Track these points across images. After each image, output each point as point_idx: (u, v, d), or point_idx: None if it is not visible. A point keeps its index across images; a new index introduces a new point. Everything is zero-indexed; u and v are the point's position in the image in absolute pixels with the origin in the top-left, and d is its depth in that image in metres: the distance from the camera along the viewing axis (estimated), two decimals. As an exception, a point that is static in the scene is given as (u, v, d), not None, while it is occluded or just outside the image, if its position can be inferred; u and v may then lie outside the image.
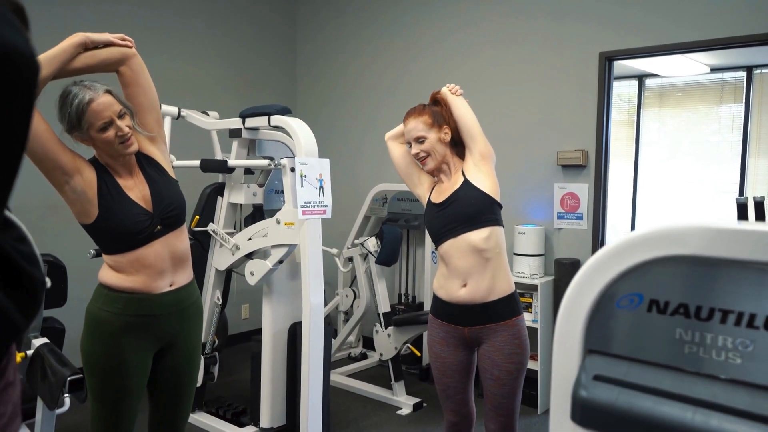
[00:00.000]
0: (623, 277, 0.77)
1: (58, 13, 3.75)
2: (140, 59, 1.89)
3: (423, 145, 2.15)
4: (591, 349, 0.81)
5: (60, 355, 2.23)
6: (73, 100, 1.74)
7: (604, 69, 3.59)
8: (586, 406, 0.77)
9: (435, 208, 2.18)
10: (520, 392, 2.15)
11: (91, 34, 1.78)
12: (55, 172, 1.75)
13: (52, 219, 3.74)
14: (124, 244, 1.83)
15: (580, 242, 3.72)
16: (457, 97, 2.19)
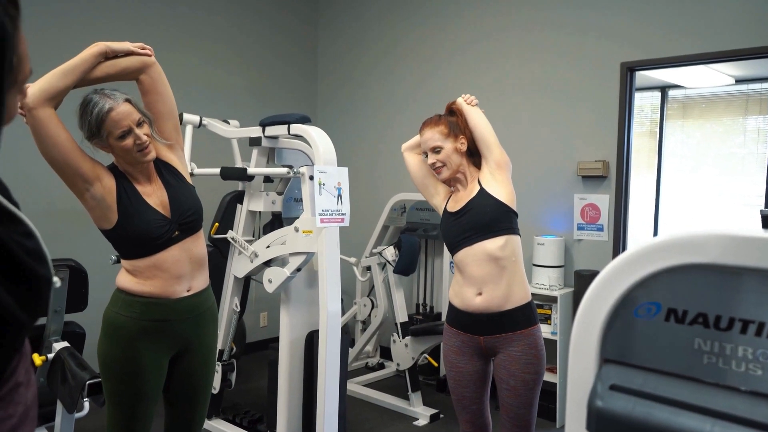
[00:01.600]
0: (641, 285, 0.76)
1: (75, 22, 3.83)
2: (159, 68, 1.92)
3: (439, 155, 2.15)
4: (607, 359, 0.80)
5: (80, 359, 2.26)
6: (93, 108, 1.77)
7: (626, 80, 3.56)
8: (602, 417, 0.75)
9: (451, 216, 2.17)
10: (536, 403, 2.12)
11: (111, 43, 1.81)
12: (75, 179, 1.78)
13: (73, 225, 3.79)
14: (142, 249, 1.86)
15: (600, 254, 3.68)
16: (472, 107, 2.19)
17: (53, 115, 1.71)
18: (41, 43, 3.66)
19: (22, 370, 0.69)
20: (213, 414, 3.39)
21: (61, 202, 3.74)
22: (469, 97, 2.22)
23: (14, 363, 0.68)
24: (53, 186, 3.68)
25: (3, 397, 0.65)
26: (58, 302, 2.39)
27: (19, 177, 3.47)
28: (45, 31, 3.67)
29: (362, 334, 4.41)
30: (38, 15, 3.64)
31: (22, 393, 0.66)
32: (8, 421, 0.63)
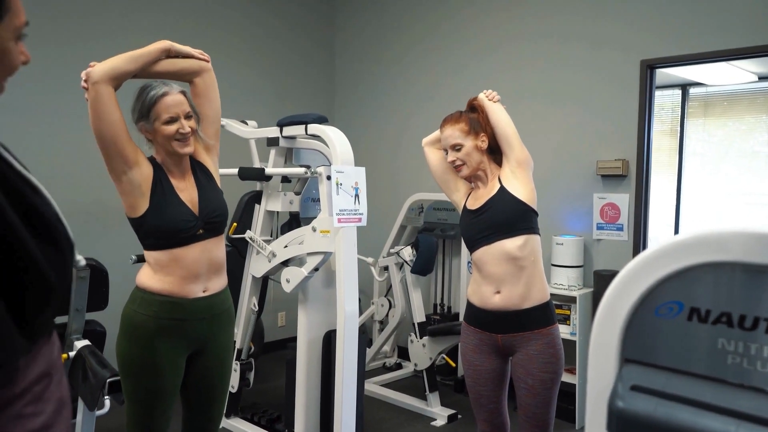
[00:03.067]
0: (662, 284, 0.74)
1: (98, 16, 3.88)
2: (213, 75, 2.02)
3: (459, 153, 2.14)
4: (628, 359, 0.78)
5: (101, 357, 2.29)
6: (150, 91, 1.87)
7: (646, 77, 3.52)
8: (623, 417, 0.74)
9: (470, 214, 2.16)
10: (554, 403, 2.10)
11: (176, 44, 1.93)
12: (117, 159, 1.83)
13: (94, 225, 3.84)
14: (166, 241, 1.88)
15: (620, 254, 3.64)
16: (494, 103, 2.17)
17: (112, 93, 1.80)
18: (69, 37, 3.71)
19: (50, 360, 0.69)
20: (231, 413, 3.41)
21: (82, 203, 3.79)
22: (490, 93, 2.20)
23: (41, 345, 0.68)
24: (75, 186, 3.75)
25: (30, 390, 0.65)
26: (80, 301, 2.41)
27: (42, 180, 3.52)
28: (72, 22, 3.72)
29: (380, 334, 4.41)
30: (63, 7, 3.69)
31: (53, 390, 0.67)
32: (37, 419, 0.64)
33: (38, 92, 3.61)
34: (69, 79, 3.75)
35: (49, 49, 3.65)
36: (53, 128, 3.68)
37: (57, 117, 3.69)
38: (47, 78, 3.64)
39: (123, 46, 3.99)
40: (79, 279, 2.40)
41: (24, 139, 3.54)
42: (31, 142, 3.57)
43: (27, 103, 3.57)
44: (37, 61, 3.63)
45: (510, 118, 2.14)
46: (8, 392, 0.65)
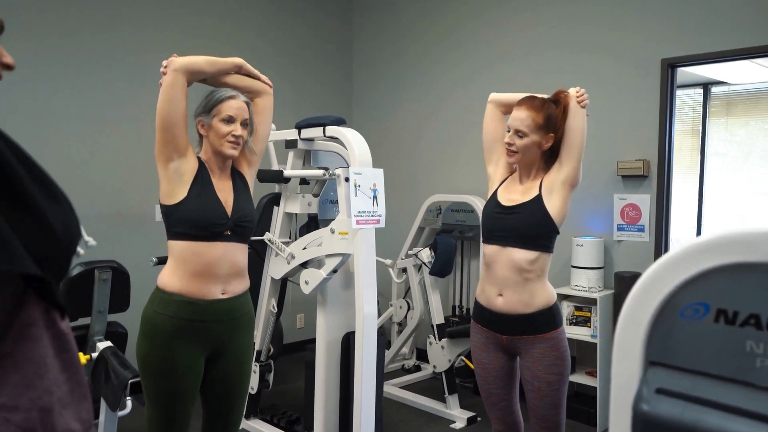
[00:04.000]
0: (688, 285, 0.73)
1: (117, 12, 3.93)
2: (272, 99, 2.19)
3: (520, 140, 2.04)
4: (652, 361, 0.77)
5: (122, 359, 2.31)
6: (219, 92, 2.01)
7: (667, 76, 3.47)
8: (648, 421, 0.73)
9: (497, 206, 2.12)
10: (563, 404, 2.09)
11: (248, 64, 2.13)
12: (170, 145, 1.93)
13: (116, 228, 3.89)
14: (194, 232, 1.92)
15: (641, 255, 3.59)
16: (581, 107, 2.06)
17: (185, 84, 1.94)
18: (93, 33, 3.76)
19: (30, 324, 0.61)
20: (251, 414, 3.43)
21: (104, 207, 3.84)
22: (582, 95, 2.07)
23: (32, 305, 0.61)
24: (97, 191, 3.79)
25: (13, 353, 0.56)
26: (102, 302, 2.44)
27: (65, 183, 3.57)
28: (96, 16, 3.77)
29: (398, 336, 4.40)
30: (92, 10, 3.74)
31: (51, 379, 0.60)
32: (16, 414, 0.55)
33: (60, 97, 3.66)
34: (89, 86, 3.80)
35: (77, 54, 3.70)
36: (75, 133, 3.73)
37: (78, 122, 3.74)
38: (70, 83, 3.69)
39: (148, 44, 4.05)
40: (101, 281, 2.43)
41: (47, 144, 3.59)
42: (53, 147, 3.62)
43: (49, 108, 3.62)
44: (64, 66, 3.69)
45: (585, 129, 2.05)
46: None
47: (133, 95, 3.96)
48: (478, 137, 4.42)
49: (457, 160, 4.59)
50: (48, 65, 3.61)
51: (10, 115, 3.38)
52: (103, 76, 3.84)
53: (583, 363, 3.77)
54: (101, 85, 3.83)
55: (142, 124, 4.00)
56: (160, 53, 4.07)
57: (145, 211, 4.03)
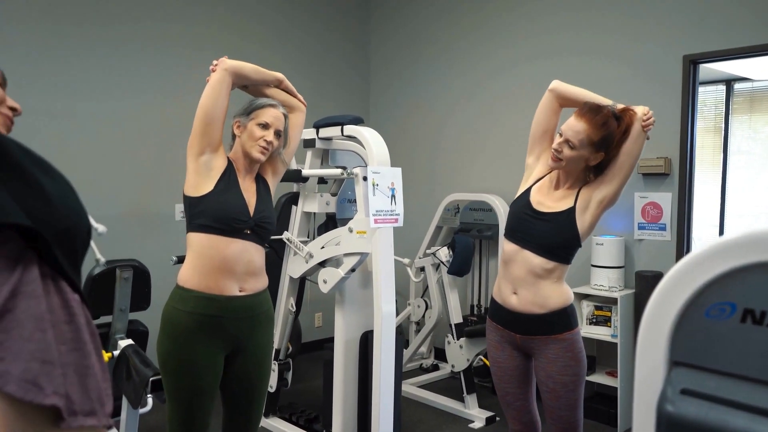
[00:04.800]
0: (713, 284, 0.72)
1: (137, 11, 3.96)
2: (304, 117, 2.31)
3: (568, 150, 1.95)
4: (677, 361, 0.76)
5: (143, 356, 2.33)
6: (262, 99, 2.11)
7: (689, 73, 3.43)
8: (673, 422, 0.72)
9: (527, 207, 2.08)
10: (580, 405, 2.07)
11: (288, 81, 2.25)
12: (204, 139, 1.99)
13: (137, 227, 3.93)
14: (216, 225, 1.95)
15: (662, 254, 3.55)
16: (643, 131, 1.95)
17: (230, 84, 2.04)
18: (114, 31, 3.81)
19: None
20: (270, 412, 3.45)
21: (124, 207, 3.88)
22: (649, 119, 1.95)
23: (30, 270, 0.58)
24: (118, 191, 3.84)
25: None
26: (123, 301, 2.47)
27: (87, 184, 3.62)
28: (118, 14, 3.81)
29: (416, 335, 4.40)
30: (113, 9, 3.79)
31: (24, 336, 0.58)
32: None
33: (82, 98, 3.71)
34: (110, 89, 3.84)
35: (100, 56, 3.75)
36: (96, 134, 3.78)
37: (100, 123, 3.79)
38: (90, 86, 3.74)
39: (171, 46, 4.08)
40: (122, 280, 2.45)
41: (67, 145, 3.64)
42: (74, 148, 3.67)
43: (71, 109, 3.67)
44: (85, 68, 3.73)
45: (639, 156, 1.98)
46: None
47: (153, 97, 4.00)
48: (496, 136, 4.41)
49: (475, 158, 4.57)
50: (68, 65, 3.66)
51: (31, 116, 3.43)
52: (124, 78, 3.88)
53: (603, 363, 3.73)
54: (122, 87, 3.88)
55: (163, 125, 4.04)
56: (182, 54, 4.12)
57: (166, 211, 4.07)
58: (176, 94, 4.07)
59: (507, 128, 4.34)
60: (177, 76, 4.09)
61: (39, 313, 0.56)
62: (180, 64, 4.11)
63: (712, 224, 5.02)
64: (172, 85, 4.08)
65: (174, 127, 4.05)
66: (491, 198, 4.12)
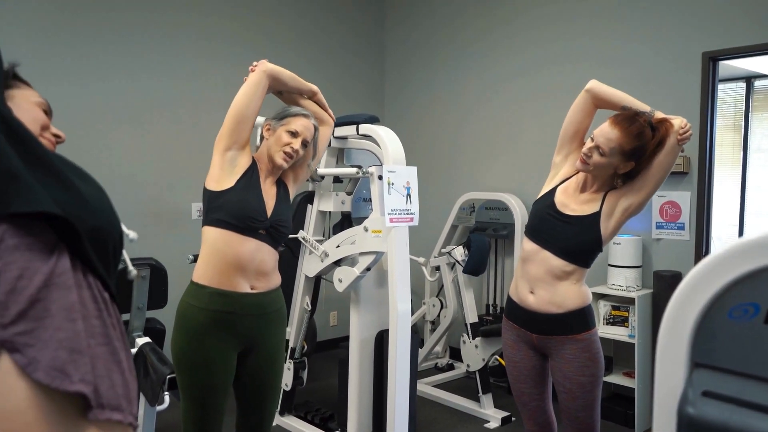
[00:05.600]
0: (736, 285, 0.71)
1: (143, 19, 3.99)
2: (331, 131, 2.40)
3: (597, 156, 1.91)
4: (698, 363, 0.75)
5: (161, 354, 2.35)
6: (296, 108, 2.17)
7: (708, 70, 3.38)
8: (694, 425, 0.71)
9: (551, 209, 2.05)
10: (597, 406, 2.05)
11: (321, 95, 2.33)
12: (233, 136, 2.02)
13: (154, 226, 3.96)
14: (232, 221, 1.96)
15: (681, 254, 3.51)
16: (678, 145, 1.90)
17: (266, 87, 2.09)
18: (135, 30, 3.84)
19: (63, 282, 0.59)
20: (285, 411, 3.46)
21: (142, 205, 3.92)
22: (686, 132, 1.90)
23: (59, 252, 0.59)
24: (135, 189, 3.87)
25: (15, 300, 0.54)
26: (140, 299, 2.49)
27: (104, 183, 3.65)
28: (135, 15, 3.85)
29: (431, 335, 4.39)
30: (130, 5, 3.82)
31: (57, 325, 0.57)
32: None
33: (98, 99, 3.75)
34: (129, 89, 3.87)
35: (118, 54, 3.78)
36: (113, 134, 3.81)
37: (116, 123, 3.82)
38: (108, 87, 3.77)
39: (188, 47, 4.11)
40: (140, 278, 2.47)
41: (83, 145, 3.68)
42: (90, 147, 3.71)
43: (87, 108, 3.71)
44: (102, 67, 3.76)
45: (671, 168, 1.95)
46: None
47: (171, 97, 4.03)
48: (512, 135, 4.39)
49: (491, 157, 4.55)
50: (83, 63, 3.70)
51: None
52: (142, 77, 3.91)
53: (620, 364, 3.70)
54: (139, 86, 3.91)
55: (180, 124, 4.07)
56: (199, 53, 4.14)
57: (182, 210, 4.10)
58: (193, 94, 4.09)
59: (523, 127, 4.31)
60: (193, 75, 4.12)
61: (69, 304, 0.57)
62: (197, 64, 4.14)
63: (731, 223, 4.95)
64: (189, 85, 4.10)
65: (190, 126, 4.08)
66: (507, 197, 4.09)
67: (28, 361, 0.53)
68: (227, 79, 4.14)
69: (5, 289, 0.54)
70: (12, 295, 0.54)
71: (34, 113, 1.29)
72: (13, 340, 0.53)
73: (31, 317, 0.55)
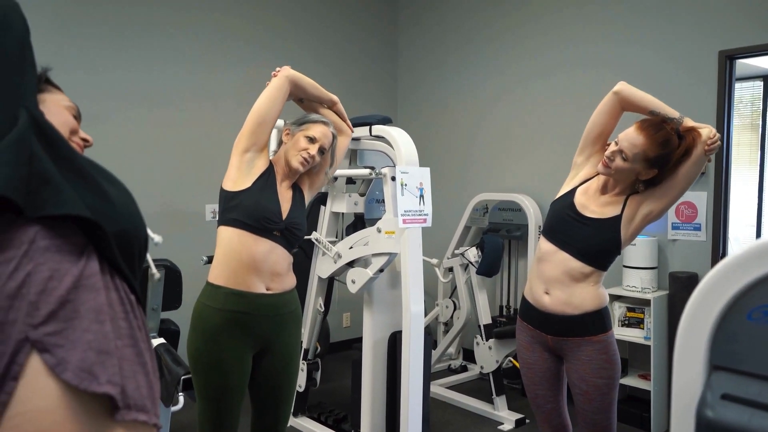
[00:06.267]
0: (756, 286, 0.70)
1: (156, 14, 4.02)
2: (349, 141, 2.45)
3: (620, 161, 1.88)
4: (717, 366, 0.74)
5: (175, 355, 2.36)
6: (315, 116, 2.21)
7: (725, 69, 3.34)
8: (713, 428, 0.70)
9: (570, 209, 2.03)
10: (613, 409, 2.02)
11: (341, 105, 2.35)
12: (252, 138, 2.05)
13: (168, 227, 3.98)
14: (248, 222, 1.98)
15: (697, 255, 3.47)
16: (705, 155, 1.86)
17: (288, 92, 2.13)
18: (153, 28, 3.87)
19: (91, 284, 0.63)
20: (299, 411, 3.46)
21: (157, 207, 3.94)
22: (714, 143, 1.86)
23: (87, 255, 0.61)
24: (149, 191, 3.90)
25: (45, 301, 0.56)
26: (155, 300, 2.50)
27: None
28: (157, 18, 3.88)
29: (444, 336, 4.37)
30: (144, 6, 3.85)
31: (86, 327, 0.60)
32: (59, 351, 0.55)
33: (113, 100, 3.78)
34: (143, 90, 3.90)
35: (131, 56, 3.81)
36: (127, 135, 3.84)
37: (131, 124, 3.85)
38: (123, 87, 3.81)
39: (203, 50, 4.14)
40: (154, 279, 2.49)
41: (99, 145, 3.70)
42: (105, 148, 3.74)
43: (102, 110, 3.74)
44: (116, 68, 3.79)
45: (695, 178, 1.92)
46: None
47: (186, 99, 4.06)
48: (526, 135, 4.37)
49: (504, 158, 4.53)
50: (98, 66, 3.73)
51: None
52: (155, 79, 3.94)
53: (635, 366, 3.66)
54: (153, 87, 3.94)
55: (194, 126, 4.09)
56: (214, 54, 4.16)
57: (197, 211, 4.12)
58: (208, 95, 4.12)
59: (536, 127, 4.29)
60: (209, 76, 4.14)
61: (98, 306, 0.59)
62: (212, 64, 4.16)
63: (749, 224, 4.88)
64: (204, 85, 4.12)
65: (205, 127, 4.10)
66: (521, 198, 4.07)
67: (57, 361, 0.54)
68: (241, 80, 4.16)
69: (36, 290, 0.56)
70: (43, 296, 0.56)
71: (64, 117, 1.34)
72: (43, 340, 0.54)
73: (60, 318, 0.56)
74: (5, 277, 0.56)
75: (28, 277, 0.56)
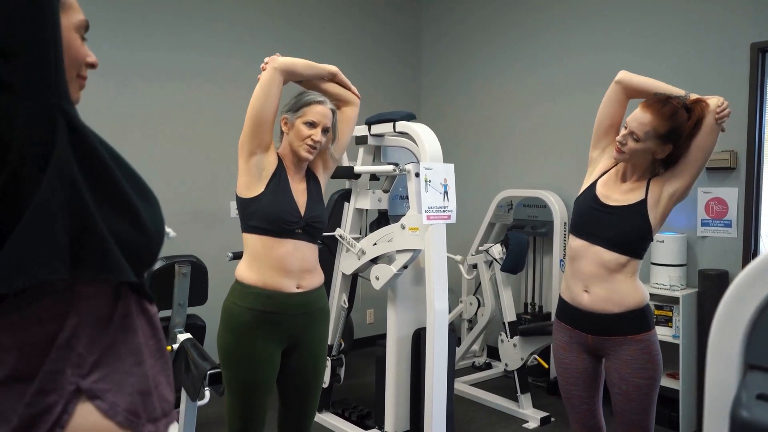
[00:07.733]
0: (793, 284, 0.68)
1: (167, 15, 4.05)
2: (358, 110, 2.26)
3: (632, 143, 1.88)
4: (752, 365, 0.72)
5: (201, 350, 2.39)
6: (309, 95, 2.07)
7: (757, 61, 3.26)
8: (749, 429, 0.68)
9: (594, 201, 2.00)
10: (653, 410, 1.98)
11: (342, 74, 2.20)
12: (255, 139, 1.98)
13: (194, 225, 4.03)
14: (267, 227, 1.97)
15: (728, 252, 3.40)
16: (717, 124, 1.85)
17: (281, 83, 2.00)
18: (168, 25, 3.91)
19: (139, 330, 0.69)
20: (323, 407, 3.48)
21: (183, 205, 3.99)
22: (723, 111, 1.85)
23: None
24: (176, 189, 3.95)
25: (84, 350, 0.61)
26: (182, 296, 2.53)
27: (147, 182, 3.73)
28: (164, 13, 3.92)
29: (468, 333, 4.36)
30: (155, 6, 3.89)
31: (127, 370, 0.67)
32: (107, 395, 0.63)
33: (137, 97, 3.83)
34: (166, 89, 3.95)
35: (154, 52, 3.86)
36: (152, 132, 3.89)
37: (156, 121, 3.90)
38: (146, 86, 3.85)
39: (228, 46, 4.17)
40: (181, 275, 2.52)
41: (124, 144, 3.76)
42: (130, 146, 3.79)
43: (127, 108, 3.79)
44: (139, 64, 3.83)
45: (713, 148, 1.89)
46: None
47: (208, 94, 4.09)
48: (551, 131, 4.32)
49: (529, 154, 4.49)
50: (127, 67, 3.78)
51: (91, 115, 3.56)
52: (178, 74, 3.98)
53: (664, 365, 3.60)
54: (177, 84, 3.98)
55: (219, 123, 4.12)
56: (236, 47, 4.19)
57: (221, 208, 4.16)
58: (230, 90, 4.15)
59: (562, 123, 4.24)
60: (231, 69, 4.17)
61: (136, 347, 0.66)
62: (234, 58, 4.19)
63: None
64: (226, 80, 4.16)
65: (228, 123, 4.13)
66: (546, 194, 4.03)
67: (108, 406, 0.61)
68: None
69: (85, 342, 0.62)
70: (90, 347, 0.62)
71: (74, 50, 1.27)
72: (92, 388, 0.61)
73: (104, 363, 0.62)
74: (55, 328, 0.61)
75: (75, 330, 0.61)
